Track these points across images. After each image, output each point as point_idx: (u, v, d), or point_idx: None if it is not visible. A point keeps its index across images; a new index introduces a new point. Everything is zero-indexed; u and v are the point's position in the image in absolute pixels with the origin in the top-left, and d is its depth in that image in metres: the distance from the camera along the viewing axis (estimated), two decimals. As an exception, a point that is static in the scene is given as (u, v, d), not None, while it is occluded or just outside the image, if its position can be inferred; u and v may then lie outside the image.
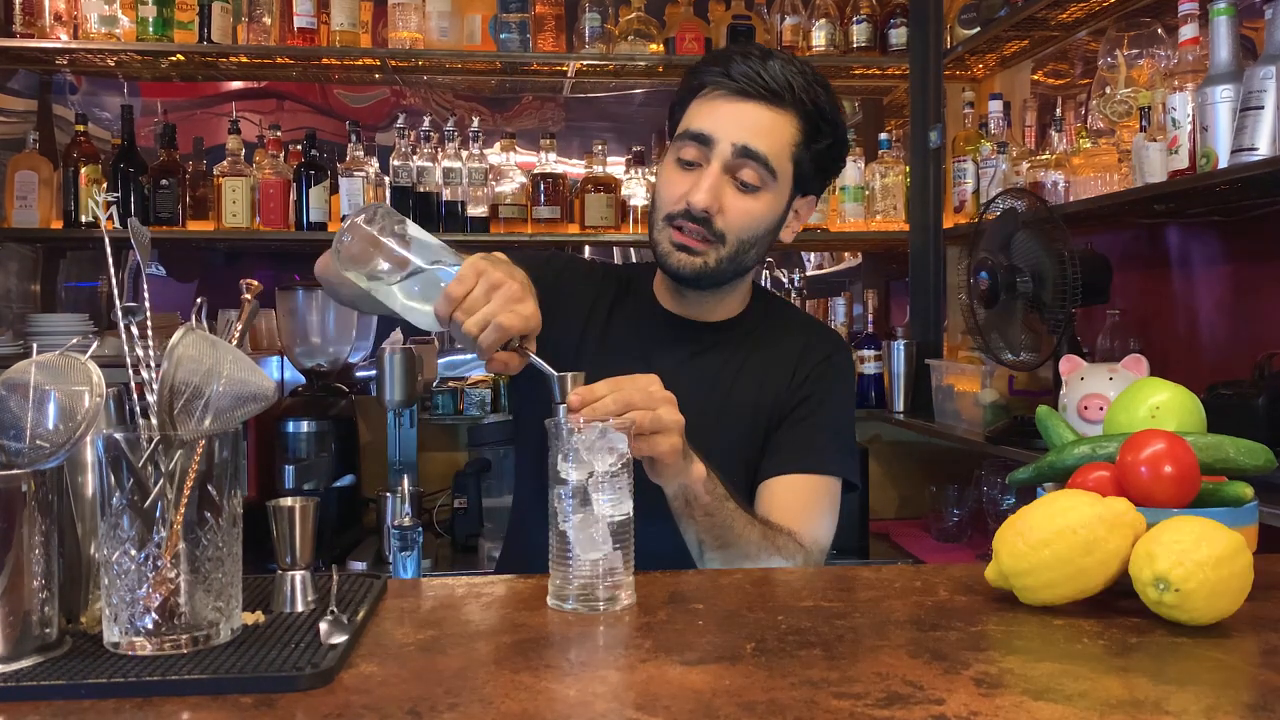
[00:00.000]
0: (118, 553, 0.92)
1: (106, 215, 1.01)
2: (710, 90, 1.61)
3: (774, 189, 1.61)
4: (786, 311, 1.87)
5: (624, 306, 1.76)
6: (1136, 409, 1.30)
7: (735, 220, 1.59)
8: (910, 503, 3.63)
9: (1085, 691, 0.85)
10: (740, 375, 1.70)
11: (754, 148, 1.57)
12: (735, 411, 1.67)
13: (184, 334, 0.97)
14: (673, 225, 1.61)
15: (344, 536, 3.06)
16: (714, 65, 1.61)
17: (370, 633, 1.03)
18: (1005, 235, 2.41)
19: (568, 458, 1.12)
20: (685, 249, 1.60)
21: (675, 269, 1.62)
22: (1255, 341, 2.45)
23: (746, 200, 1.60)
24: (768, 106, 1.58)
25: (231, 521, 0.97)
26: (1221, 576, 0.99)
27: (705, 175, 1.57)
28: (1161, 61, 2.55)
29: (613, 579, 1.12)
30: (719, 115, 1.59)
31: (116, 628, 0.93)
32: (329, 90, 4.12)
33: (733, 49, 1.66)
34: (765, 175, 1.59)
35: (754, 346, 1.73)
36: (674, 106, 1.69)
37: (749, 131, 1.57)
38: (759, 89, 1.57)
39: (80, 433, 0.93)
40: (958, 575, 1.24)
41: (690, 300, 1.72)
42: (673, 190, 1.61)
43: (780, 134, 1.59)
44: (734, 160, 1.58)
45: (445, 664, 0.93)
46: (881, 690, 0.85)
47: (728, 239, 1.60)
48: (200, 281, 4.03)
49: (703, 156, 1.59)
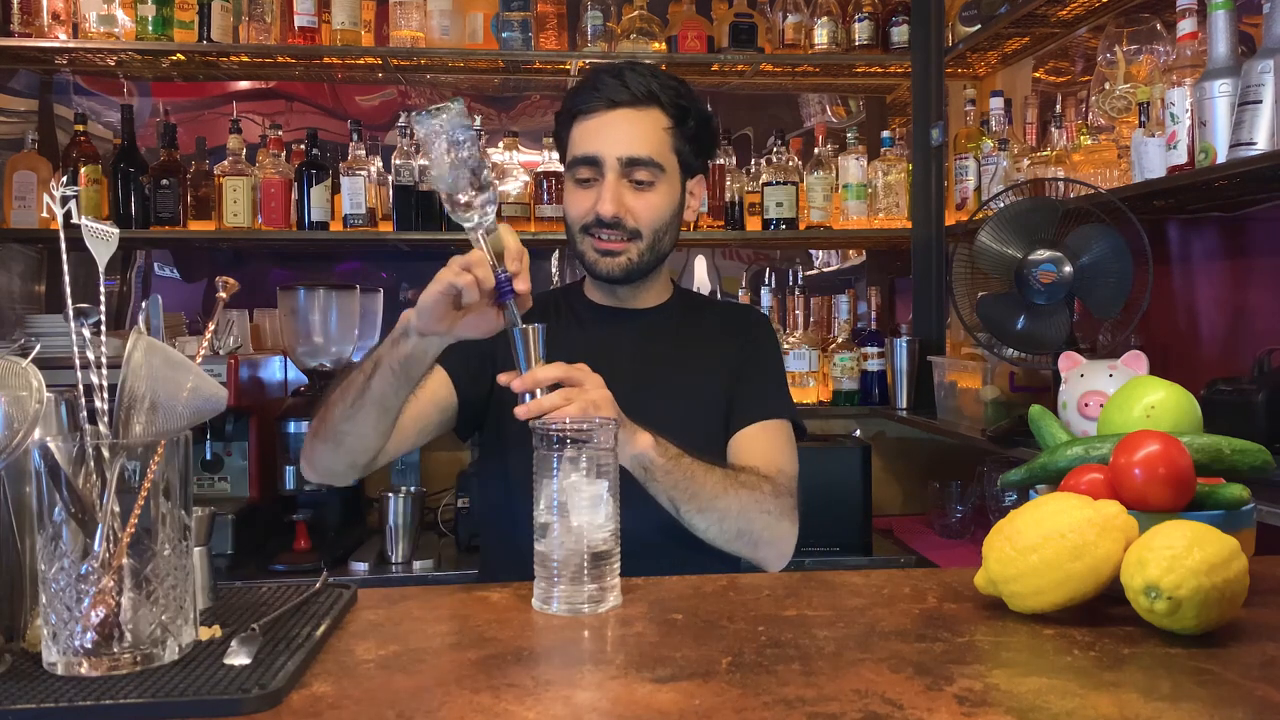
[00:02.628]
0: (55, 568, 0.88)
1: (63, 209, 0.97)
2: (584, 113, 1.81)
3: (665, 179, 1.82)
4: (705, 299, 2.17)
5: (556, 317, 1.91)
6: (1131, 409, 1.28)
7: (643, 215, 1.80)
8: (914, 499, 3.63)
9: (1073, 710, 0.83)
10: (681, 350, 1.90)
11: (638, 155, 1.78)
12: (683, 382, 1.87)
13: (136, 340, 0.95)
14: (590, 235, 1.82)
15: (346, 537, 3.06)
16: (583, 88, 1.83)
17: (331, 648, 1.01)
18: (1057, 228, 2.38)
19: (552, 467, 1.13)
20: (608, 253, 1.81)
21: (606, 272, 1.83)
22: (1255, 337, 2.43)
23: (646, 196, 1.81)
24: (636, 109, 1.79)
25: (181, 534, 0.94)
26: (1215, 584, 0.97)
27: (605, 187, 1.78)
28: (1160, 57, 2.53)
29: (598, 583, 1.12)
30: (600, 134, 1.79)
31: (55, 647, 0.90)
32: (338, 91, 4.12)
33: (593, 71, 1.88)
34: (655, 171, 1.80)
35: (687, 325, 1.94)
36: (558, 135, 1.90)
37: (628, 141, 1.78)
38: (626, 95, 1.78)
39: (18, 440, 0.90)
40: (949, 580, 1.22)
41: (621, 295, 1.91)
42: (580, 206, 1.82)
43: (653, 131, 1.80)
44: (625, 169, 1.79)
45: (402, 683, 0.91)
46: (858, 710, 0.83)
47: (642, 233, 1.81)
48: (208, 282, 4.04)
49: (596, 173, 1.80)
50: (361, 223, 3.39)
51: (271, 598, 1.16)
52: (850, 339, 3.61)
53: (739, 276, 4.34)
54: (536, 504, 1.14)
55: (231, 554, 2.78)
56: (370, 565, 2.89)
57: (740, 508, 1.66)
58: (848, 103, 4.46)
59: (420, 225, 3.42)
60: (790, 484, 1.80)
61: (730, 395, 1.87)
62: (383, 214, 3.49)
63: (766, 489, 1.72)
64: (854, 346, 3.57)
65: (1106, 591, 1.05)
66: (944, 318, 3.44)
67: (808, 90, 4.37)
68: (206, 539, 1.15)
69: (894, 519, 3.52)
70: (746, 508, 1.67)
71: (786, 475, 1.81)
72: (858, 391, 3.55)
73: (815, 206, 3.58)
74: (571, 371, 1.43)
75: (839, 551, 2.99)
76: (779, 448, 1.85)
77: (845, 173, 3.57)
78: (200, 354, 1.05)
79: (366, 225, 3.41)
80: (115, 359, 0.98)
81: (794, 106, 4.53)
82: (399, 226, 3.42)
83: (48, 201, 0.96)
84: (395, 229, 3.43)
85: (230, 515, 2.79)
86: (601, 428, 1.17)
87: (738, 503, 1.66)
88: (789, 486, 1.79)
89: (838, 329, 3.70)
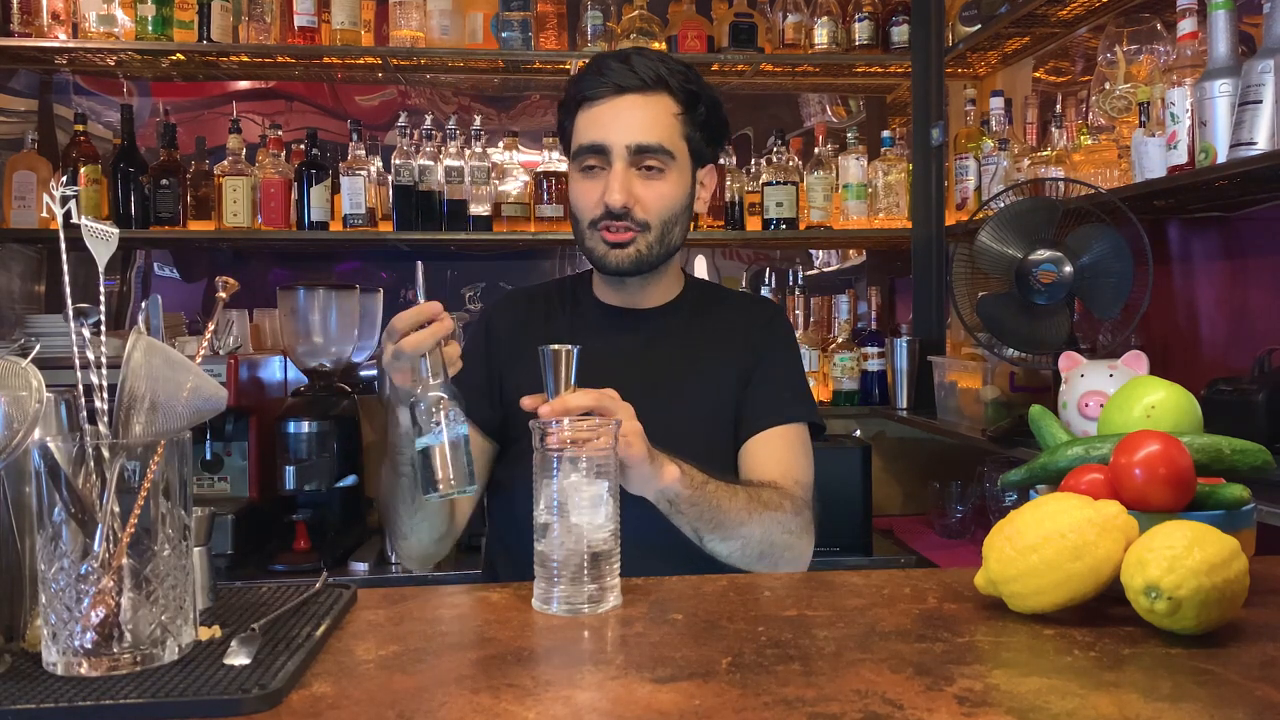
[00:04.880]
0: (55, 568, 0.88)
1: (63, 209, 0.97)
2: (590, 100, 1.74)
3: (676, 167, 1.75)
4: (719, 291, 2.04)
5: (562, 312, 1.87)
6: (1131, 409, 1.28)
7: (653, 205, 1.73)
8: (914, 499, 3.63)
9: (1073, 711, 0.82)
10: (693, 353, 1.82)
11: (647, 142, 1.71)
12: (693, 386, 1.79)
13: (136, 340, 0.95)
14: (599, 229, 1.73)
15: (346, 537, 3.05)
16: (588, 74, 1.75)
17: (331, 648, 1.00)
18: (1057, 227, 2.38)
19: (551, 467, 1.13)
20: (617, 245, 1.73)
21: (614, 266, 1.75)
22: (1255, 337, 2.43)
23: (656, 185, 1.73)
24: (644, 95, 1.72)
25: (181, 534, 0.94)
26: (1215, 584, 0.97)
27: (613, 176, 1.70)
28: (1160, 57, 2.53)
29: (598, 583, 1.12)
30: (607, 122, 1.72)
31: (55, 647, 0.89)
32: (338, 91, 4.12)
33: (598, 57, 1.79)
34: (665, 158, 1.72)
35: (698, 324, 1.85)
36: (561, 124, 1.82)
37: (636, 128, 1.71)
38: (634, 80, 1.71)
39: (18, 440, 0.90)
40: (949, 581, 1.22)
41: (630, 290, 1.83)
42: (587, 198, 1.74)
43: (663, 117, 1.73)
44: (633, 157, 1.71)
45: (402, 684, 0.90)
46: (859, 710, 0.83)
47: (651, 224, 1.73)
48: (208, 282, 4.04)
49: (604, 162, 1.72)
50: (361, 223, 3.39)
51: (271, 598, 1.16)
52: (850, 339, 3.61)
53: (739, 276, 4.35)
54: (536, 504, 1.14)
55: (231, 554, 2.78)
56: (370, 565, 2.90)
57: (763, 532, 1.61)
58: (848, 103, 4.46)
59: (420, 225, 3.42)
60: (807, 494, 1.75)
61: (741, 399, 1.80)
62: (382, 214, 3.50)
63: (788, 507, 1.66)
64: (854, 346, 3.57)
65: (1106, 591, 1.05)
66: (944, 318, 3.44)
67: (808, 90, 4.37)
68: (206, 539, 1.15)
69: (894, 519, 3.52)
70: (769, 531, 1.61)
71: (803, 486, 1.75)
72: (858, 391, 3.55)
73: (815, 206, 3.58)
74: (603, 400, 1.38)
75: (839, 551, 2.99)
76: (794, 455, 1.78)
77: (845, 173, 3.57)
78: (200, 354, 1.04)
79: (366, 225, 3.41)
80: (115, 359, 0.98)
81: (794, 106, 4.53)
82: (399, 226, 3.42)
83: (47, 201, 0.96)
84: (395, 229, 3.43)
85: (230, 515, 2.79)
86: (602, 428, 1.17)
87: (760, 527, 1.60)
88: (806, 498, 1.73)
89: (838, 329, 3.70)
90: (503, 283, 3.86)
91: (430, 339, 1.31)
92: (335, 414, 3.10)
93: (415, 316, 1.33)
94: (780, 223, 3.52)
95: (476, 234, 3.46)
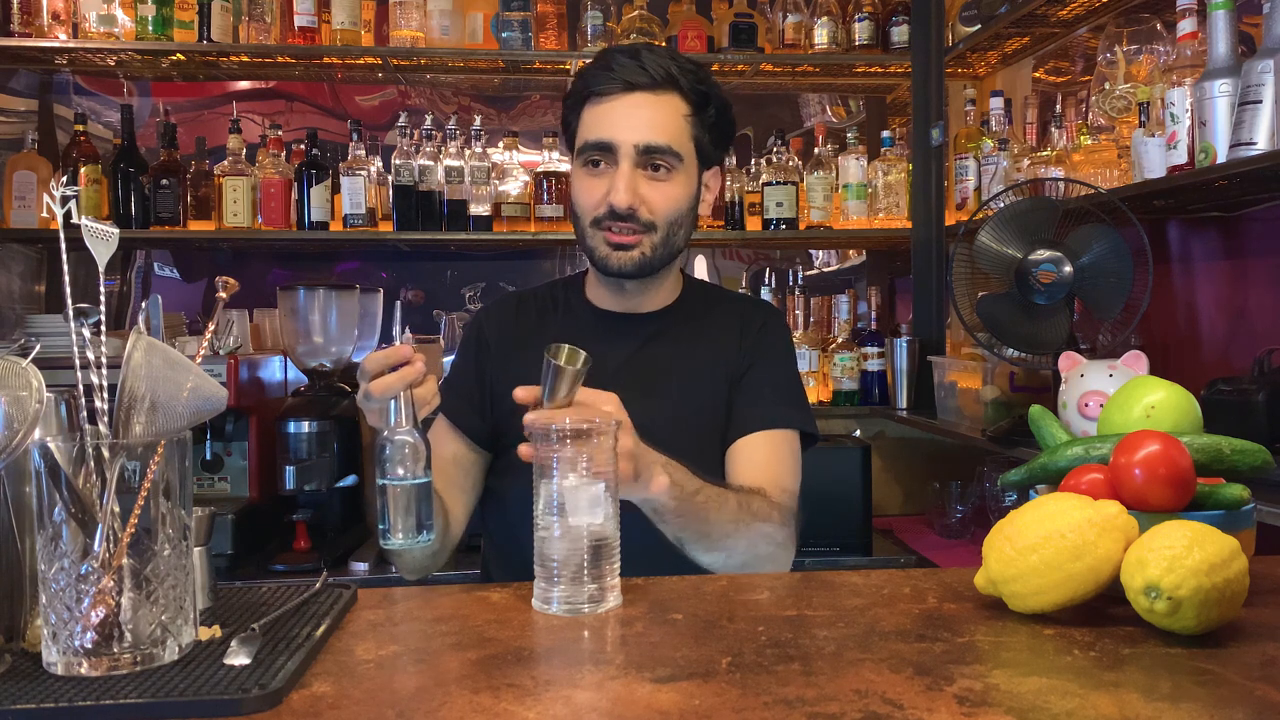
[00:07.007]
0: (55, 568, 0.88)
1: (63, 209, 0.96)
2: (598, 96, 1.69)
3: (683, 169, 1.71)
4: (717, 292, 1.99)
5: (555, 317, 1.85)
6: (1131, 409, 1.28)
7: (659, 206, 1.69)
8: (914, 499, 3.63)
9: (1073, 711, 0.82)
10: (685, 358, 1.79)
11: (655, 143, 1.67)
12: (687, 393, 1.76)
13: (136, 340, 0.95)
14: (602, 228, 1.70)
15: (346, 537, 3.05)
16: (596, 68, 1.70)
17: (331, 648, 1.00)
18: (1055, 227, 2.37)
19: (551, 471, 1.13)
20: (621, 246, 1.69)
21: (617, 267, 1.71)
22: (1255, 337, 2.43)
23: (663, 186, 1.69)
24: (653, 93, 1.68)
25: (181, 534, 0.94)
26: (1215, 583, 0.97)
27: (619, 176, 1.66)
28: (1160, 57, 2.53)
29: (598, 583, 1.12)
30: (614, 119, 1.68)
31: (55, 647, 0.89)
32: (338, 91, 4.12)
33: (606, 52, 1.74)
34: (672, 159, 1.69)
35: (693, 328, 1.82)
36: (566, 119, 1.78)
37: (645, 127, 1.67)
38: (644, 78, 1.67)
39: (18, 440, 0.90)
40: (949, 581, 1.22)
41: (628, 294, 1.80)
42: (591, 196, 1.70)
43: (672, 118, 1.69)
44: (641, 157, 1.67)
45: (402, 683, 0.91)
46: (859, 710, 0.83)
47: (657, 226, 1.69)
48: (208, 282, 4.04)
49: (610, 160, 1.68)
50: (361, 223, 3.39)
51: (271, 598, 1.16)
52: (850, 339, 3.61)
53: (739, 276, 4.35)
54: (536, 504, 1.14)
55: (231, 554, 2.78)
56: (370, 565, 2.89)
57: (748, 543, 1.58)
58: (848, 103, 4.46)
59: (420, 225, 3.42)
60: (793, 503, 1.72)
61: (730, 402, 1.77)
62: (382, 214, 3.50)
63: (775, 518, 1.63)
64: (854, 346, 3.57)
65: (1106, 591, 1.05)
66: (944, 318, 3.44)
67: (808, 90, 4.37)
68: (206, 539, 1.15)
69: (894, 519, 3.52)
70: (755, 542, 1.59)
71: (789, 494, 1.72)
72: (858, 391, 3.55)
73: (815, 206, 3.58)
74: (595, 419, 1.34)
75: (839, 551, 2.99)
76: (781, 462, 1.74)
77: (845, 173, 3.58)
78: (200, 354, 1.04)
79: (366, 225, 3.41)
80: (115, 359, 0.98)
81: (794, 106, 4.53)
82: (399, 226, 3.43)
83: (48, 201, 0.96)
84: (395, 229, 3.44)
85: (230, 515, 2.78)
86: (601, 428, 1.17)
87: (746, 539, 1.57)
88: (792, 507, 1.71)
89: (838, 329, 3.70)
90: (503, 283, 3.86)
91: (399, 383, 1.26)
92: (335, 414, 3.10)
93: (385, 359, 1.29)
94: (780, 223, 3.53)
95: (476, 234, 3.46)
